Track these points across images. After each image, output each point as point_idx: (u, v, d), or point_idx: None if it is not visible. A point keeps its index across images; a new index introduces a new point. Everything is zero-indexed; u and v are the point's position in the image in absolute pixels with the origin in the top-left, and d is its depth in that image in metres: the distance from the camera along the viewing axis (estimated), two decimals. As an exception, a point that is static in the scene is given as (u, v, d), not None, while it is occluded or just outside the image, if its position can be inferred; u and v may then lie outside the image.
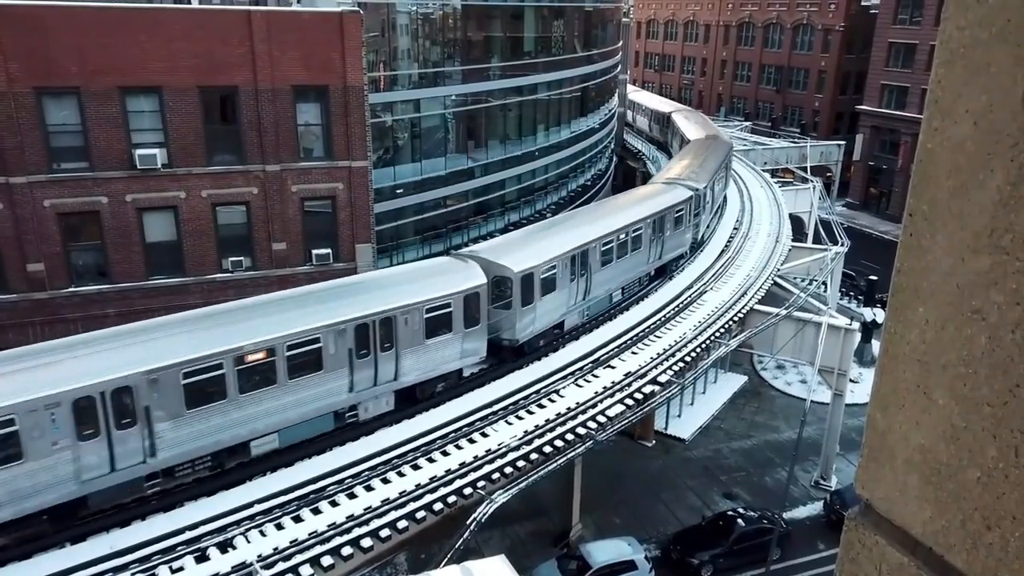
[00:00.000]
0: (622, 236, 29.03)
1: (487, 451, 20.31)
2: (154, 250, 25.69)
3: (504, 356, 24.60)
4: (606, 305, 29.45)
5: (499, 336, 24.06)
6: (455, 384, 23.10)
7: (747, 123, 78.06)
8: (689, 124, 54.50)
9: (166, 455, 17.36)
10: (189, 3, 34.69)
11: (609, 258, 28.35)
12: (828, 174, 64.18)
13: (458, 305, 22.13)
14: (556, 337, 26.67)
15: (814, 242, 45.17)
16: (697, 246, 36.33)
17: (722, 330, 28.76)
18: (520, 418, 22.07)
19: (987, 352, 1.41)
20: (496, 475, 19.61)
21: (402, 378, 21.26)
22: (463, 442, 20.76)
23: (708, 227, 38.75)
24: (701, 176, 36.59)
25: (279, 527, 17.19)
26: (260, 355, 18.35)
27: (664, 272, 33.29)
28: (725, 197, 44.51)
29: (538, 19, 42.30)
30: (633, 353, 26.21)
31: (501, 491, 19.10)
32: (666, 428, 34.37)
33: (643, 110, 68.55)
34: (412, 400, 22.01)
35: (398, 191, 33.69)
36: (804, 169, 57.38)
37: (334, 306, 20.02)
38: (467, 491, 18.94)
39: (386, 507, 17.99)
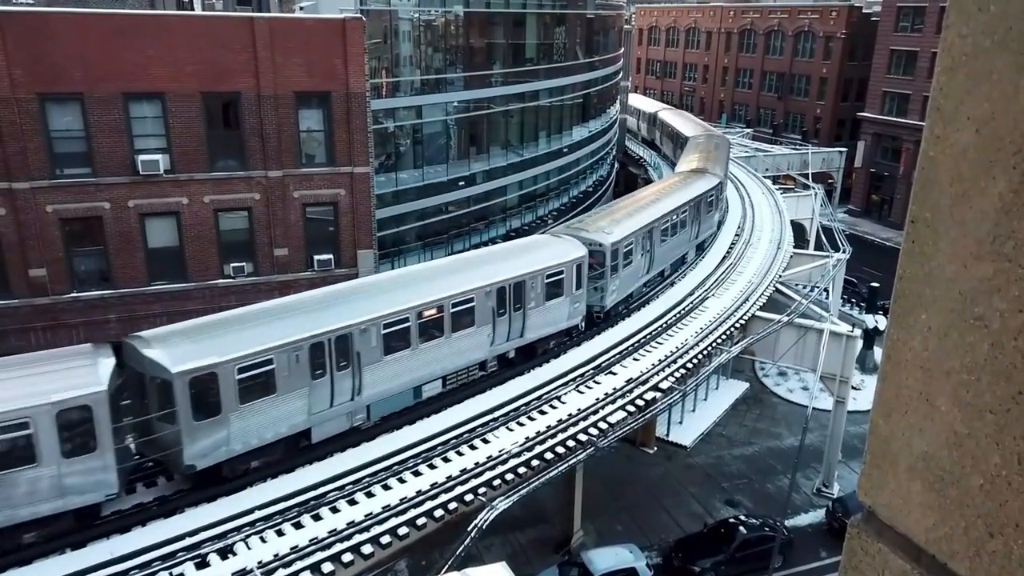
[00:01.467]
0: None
1: (488, 457, 20.27)
2: (156, 256, 25.73)
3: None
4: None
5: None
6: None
7: (748, 130, 78.16)
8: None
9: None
10: (193, 10, 34.88)
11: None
12: (830, 181, 64.23)
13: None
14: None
15: (816, 249, 45.18)
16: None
17: (724, 337, 28.74)
18: (521, 424, 22.04)
19: (990, 359, 1.41)
20: (497, 481, 19.57)
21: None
22: (464, 448, 20.73)
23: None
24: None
25: (280, 533, 17.15)
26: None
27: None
28: (727, 201, 44.65)
29: (540, 26, 42.41)
30: (635, 359, 26.19)
31: (502, 497, 19.06)
32: (668, 435, 34.31)
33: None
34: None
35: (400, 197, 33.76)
36: (806, 176, 57.41)
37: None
38: (468, 497, 18.90)
39: (387, 513, 17.96)
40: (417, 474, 19.52)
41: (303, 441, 19.64)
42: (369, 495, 18.62)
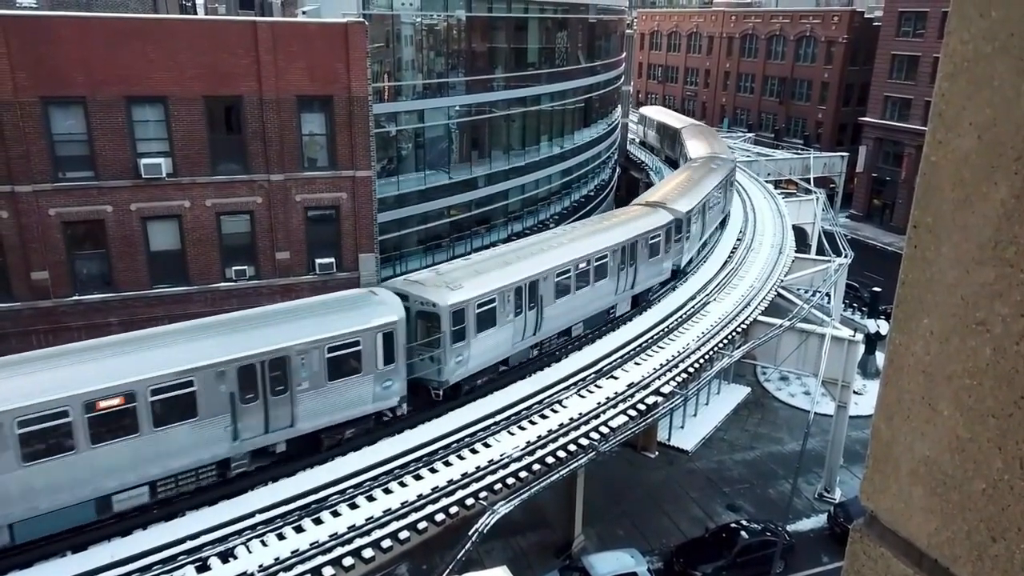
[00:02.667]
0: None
1: (489, 462, 20.26)
2: (158, 259, 25.76)
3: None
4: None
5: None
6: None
7: (750, 134, 78.19)
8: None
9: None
10: (195, 14, 34.98)
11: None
12: (831, 185, 64.22)
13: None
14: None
15: (817, 253, 45.15)
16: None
17: (725, 341, 28.72)
18: (523, 428, 22.03)
19: (992, 364, 1.41)
20: (498, 486, 19.56)
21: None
22: (465, 452, 20.72)
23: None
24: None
25: (280, 537, 17.14)
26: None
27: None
28: (728, 214, 44.51)
29: (542, 30, 42.48)
30: (636, 364, 26.17)
31: (503, 502, 19.04)
32: (669, 439, 34.27)
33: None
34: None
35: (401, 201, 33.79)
36: (807, 180, 57.41)
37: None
38: (469, 502, 18.88)
39: (388, 517, 17.94)
40: (418, 478, 19.51)
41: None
42: (370, 499, 18.61)
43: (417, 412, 22.30)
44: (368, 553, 17.02)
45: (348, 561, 16.76)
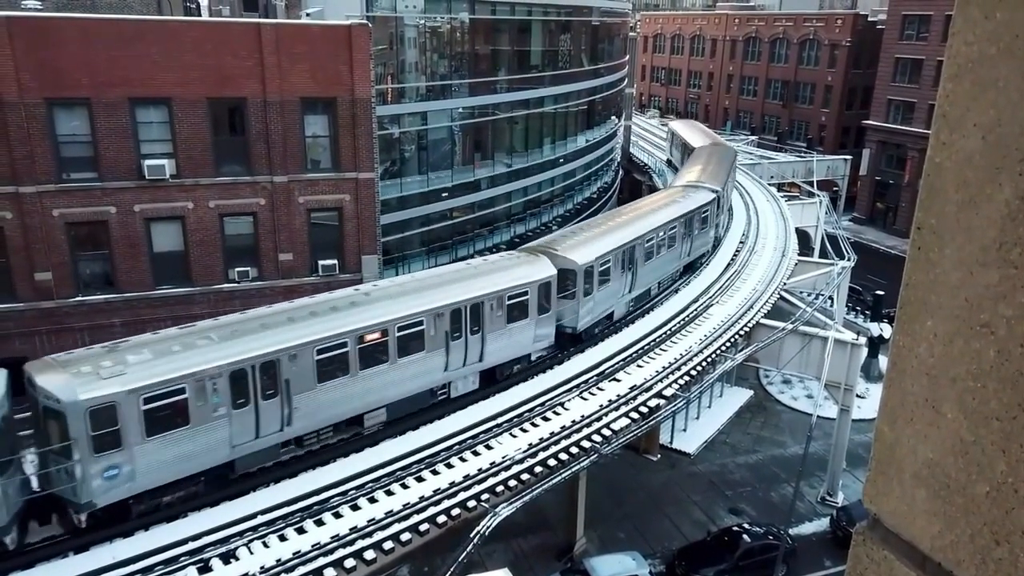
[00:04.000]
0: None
1: (491, 464, 20.24)
2: (161, 260, 25.81)
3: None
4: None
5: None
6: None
7: (753, 137, 78.16)
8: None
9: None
10: (199, 16, 35.06)
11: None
12: (834, 188, 64.15)
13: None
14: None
15: (820, 256, 45.09)
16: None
17: (728, 344, 28.68)
18: (524, 431, 22.01)
19: (996, 366, 1.41)
20: (500, 488, 19.54)
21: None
22: (467, 454, 20.70)
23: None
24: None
25: (282, 538, 17.13)
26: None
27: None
28: (731, 210, 44.53)
29: (545, 33, 42.52)
30: (639, 366, 26.15)
31: (505, 504, 19.02)
32: (671, 442, 34.23)
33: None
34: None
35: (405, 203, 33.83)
36: (810, 183, 57.36)
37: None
38: (471, 504, 18.87)
39: (390, 519, 17.94)
40: (420, 480, 19.50)
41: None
42: (372, 500, 18.60)
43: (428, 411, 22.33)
44: (370, 555, 17.01)
45: (350, 563, 16.75)
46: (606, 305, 28.42)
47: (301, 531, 17.42)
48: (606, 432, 22.31)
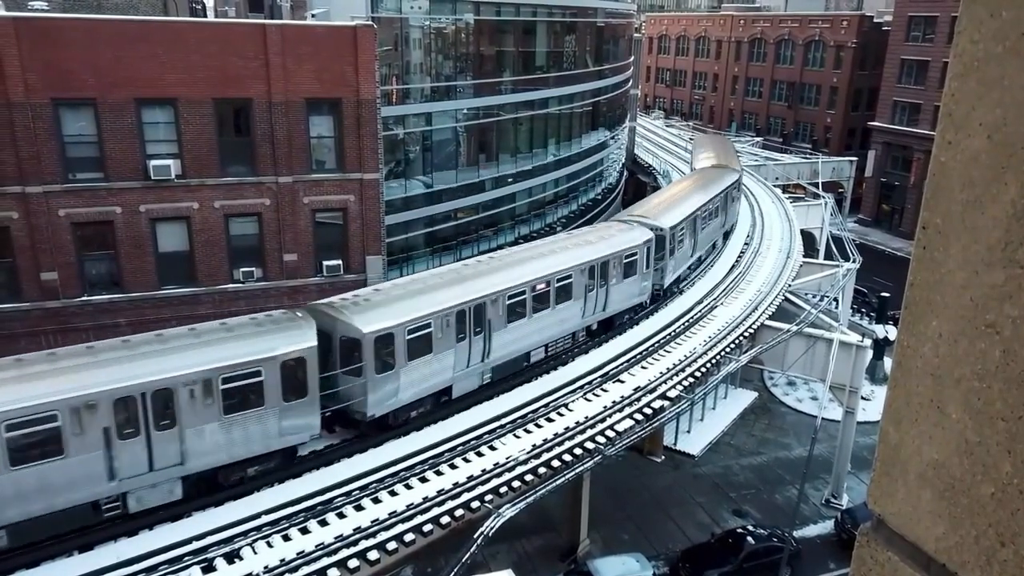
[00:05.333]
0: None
1: (495, 464, 20.24)
2: (166, 260, 25.87)
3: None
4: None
5: None
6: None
7: (758, 138, 78.04)
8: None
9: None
10: (205, 16, 35.14)
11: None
12: (840, 190, 64.01)
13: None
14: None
15: (826, 258, 44.99)
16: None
17: (732, 345, 28.63)
18: (528, 431, 22.00)
19: (1001, 366, 1.40)
20: (504, 489, 19.53)
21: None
22: (471, 455, 20.70)
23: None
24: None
25: (286, 539, 17.15)
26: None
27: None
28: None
29: (550, 34, 42.53)
30: (643, 367, 26.12)
31: (509, 505, 19.01)
32: (675, 444, 34.18)
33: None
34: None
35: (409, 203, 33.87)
36: (816, 185, 57.24)
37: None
38: (475, 505, 18.86)
39: (394, 520, 17.94)
40: (424, 480, 19.50)
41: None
42: (376, 501, 18.61)
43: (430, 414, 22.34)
44: (373, 555, 17.02)
45: (353, 563, 16.76)
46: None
47: (305, 531, 17.44)
48: (610, 433, 22.29)
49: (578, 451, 21.37)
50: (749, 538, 26.81)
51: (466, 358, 22.81)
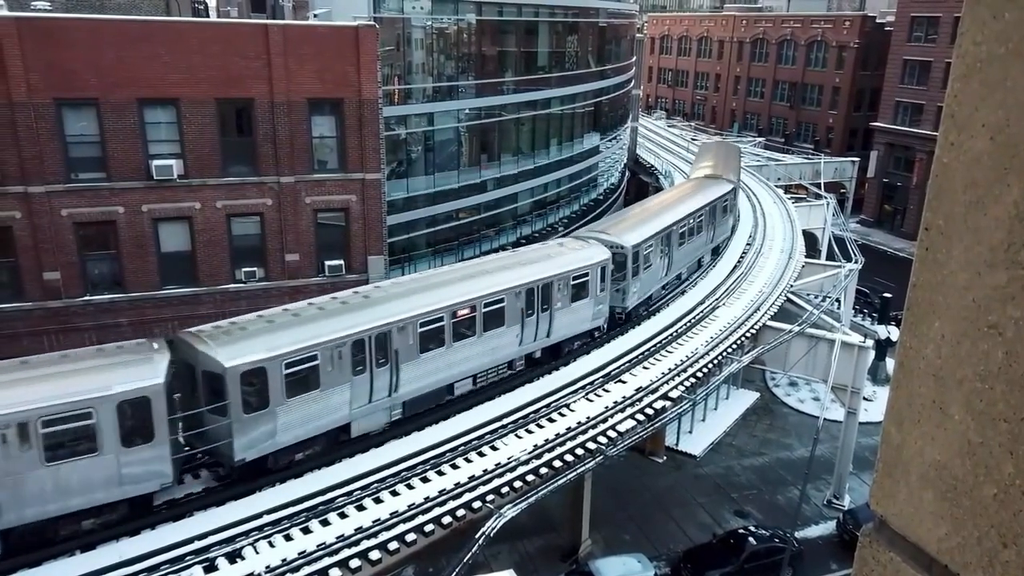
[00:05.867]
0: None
1: (497, 464, 20.24)
2: (168, 260, 25.90)
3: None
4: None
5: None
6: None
7: (760, 139, 77.98)
8: None
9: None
10: (208, 17, 35.17)
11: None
12: (842, 191, 63.97)
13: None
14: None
15: (828, 259, 44.95)
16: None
17: (734, 346, 28.62)
18: (530, 432, 22.00)
19: (1004, 367, 1.40)
20: (505, 489, 19.53)
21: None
22: (473, 455, 20.71)
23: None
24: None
25: (288, 538, 17.16)
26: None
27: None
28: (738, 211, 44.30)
29: (552, 34, 42.53)
30: (644, 368, 26.10)
31: (510, 505, 19.02)
32: (677, 444, 34.16)
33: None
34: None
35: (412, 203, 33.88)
36: (818, 186, 57.20)
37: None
38: (476, 505, 18.87)
39: (395, 520, 17.95)
40: (426, 480, 19.51)
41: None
42: (378, 501, 18.62)
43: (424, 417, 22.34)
44: (375, 555, 17.03)
45: (355, 563, 16.77)
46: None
47: (307, 531, 17.46)
48: (612, 434, 22.28)
49: (580, 451, 21.37)
50: (751, 539, 26.79)
51: (367, 393, 20.31)
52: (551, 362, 25.77)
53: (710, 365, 26.99)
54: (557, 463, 20.77)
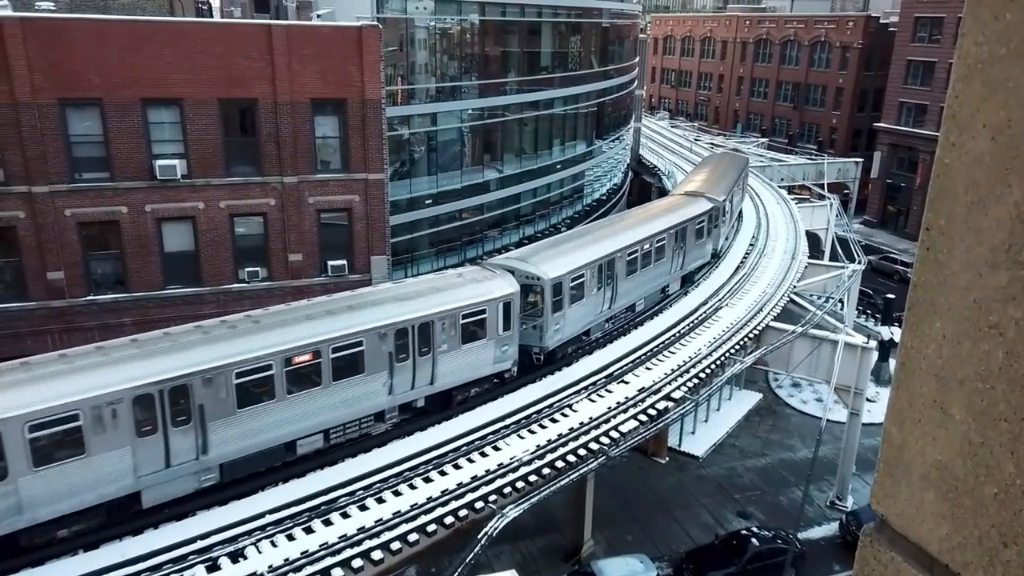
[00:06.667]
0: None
1: (499, 465, 20.25)
2: (171, 260, 25.94)
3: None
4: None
5: None
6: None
7: (764, 139, 77.89)
8: None
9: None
10: (211, 17, 35.20)
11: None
12: (845, 191, 63.86)
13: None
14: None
15: (831, 259, 44.90)
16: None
17: (737, 347, 28.59)
18: (532, 432, 22.00)
19: (1004, 368, 1.40)
20: (508, 489, 19.54)
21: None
22: (475, 455, 20.71)
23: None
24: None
25: (290, 538, 17.19)
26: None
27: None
28: (741, 212, 44.29)
29: (555, 35, 42.53)
30: (647, 368, 26.10)
31: (512, 506, 19.02)
32: (680, 445, 34.14)
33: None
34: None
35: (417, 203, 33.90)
36: (821, 186, 57.13)
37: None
38: (478, 505, 18.87)
39: (397, 520, 17.96)
40: (428, 480, 19.52)
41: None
42: (380, 501, 18.64)
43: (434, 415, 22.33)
44: (377, 555, 17.04)
45: (357, 563, 16.79)
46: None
47: (309, 531, 17.48)
48: (614, 434, 22.28)
49: (582, 452, 21.37)
50: (753, 540, 26.75)
51: (162, 456, 17.33)
52: (440, 412, 22.47)
53: (713, 366, 26.97)
54: (559, 463, 20.77)
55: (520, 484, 19.83)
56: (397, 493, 18.97)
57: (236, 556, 16.53)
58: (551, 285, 24.84)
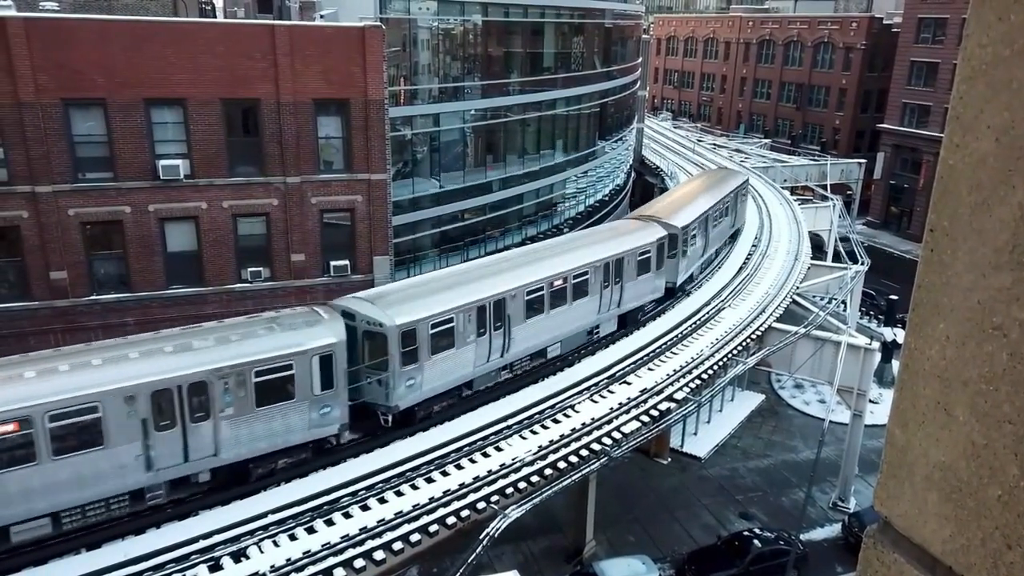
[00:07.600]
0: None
1: (501, 465, 20.25)
2: (174, 260, 25.97)
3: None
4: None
5: None
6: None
7: (766, 140, 77.83)
8: None
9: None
10: (214, 17, 35.26)
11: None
12: (848, 192, 63.79)
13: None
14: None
15: (834, 261, 44.82)
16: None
17: (740, 348, 28.56)
18: (535, 433, 22.01)
19: (1008, 369, 1.40)
20: (510, 490, 19.54)
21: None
22: (477, 456, 20.71)
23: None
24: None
25: (292, 538, 17.20)
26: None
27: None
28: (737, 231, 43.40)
29: (558, 35, 42.52)
30: (649, 369, 26.09)
31: (515, 506, 19.01)
32: (682, 446, 34.11)
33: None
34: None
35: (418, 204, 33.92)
36: (824, 187, 57.07)
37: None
38: (480, 505, 18.87)
39: (400, 520, 17.97)
40: (430, 481, 19.53)
41: None
42: (382, 501, 18.65)
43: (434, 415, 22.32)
44: (379, 555, 17.05)
45: (359, 563, 16.79)
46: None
47: (311, 531, 17.49)
48: (616, 435, 22.27)
49: (584, 452, 21.36)
50: (756, 541, 26.72)
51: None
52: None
53: (716, 367, 26.95)
54: (562, 464, 20.77)
55: (522, 484, 19.83)
56: (399, 493, 18.98)
57: (238, 556, 16.55)
58: (398, 333, 20.64)
